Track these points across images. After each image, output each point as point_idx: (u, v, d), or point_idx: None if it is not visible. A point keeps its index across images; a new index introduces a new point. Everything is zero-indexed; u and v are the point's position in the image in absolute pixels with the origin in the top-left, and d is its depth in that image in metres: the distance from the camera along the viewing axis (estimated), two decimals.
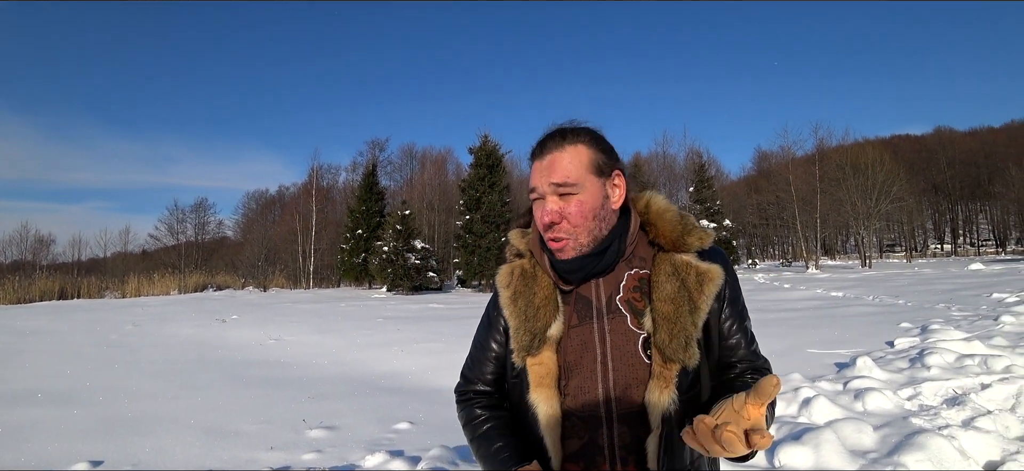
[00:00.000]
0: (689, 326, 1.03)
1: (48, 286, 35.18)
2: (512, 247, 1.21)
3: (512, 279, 1.16)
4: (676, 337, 1.02)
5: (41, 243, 47.37)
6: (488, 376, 1.21)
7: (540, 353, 1.08)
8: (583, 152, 1.08)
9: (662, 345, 1.02)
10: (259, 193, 66.29)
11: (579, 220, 1.06)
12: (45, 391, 6.55)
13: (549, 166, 1.08)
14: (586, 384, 1.05)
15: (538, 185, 1.09)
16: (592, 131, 1.12)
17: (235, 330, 12.92)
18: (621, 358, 1.04)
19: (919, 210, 57.73)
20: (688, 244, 1.10)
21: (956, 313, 9.98)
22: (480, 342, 1.24)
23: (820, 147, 38.55)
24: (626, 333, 1.05)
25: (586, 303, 1.09)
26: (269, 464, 3.94)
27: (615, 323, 1.06)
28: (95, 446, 4.54)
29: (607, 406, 1.03)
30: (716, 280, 1.07)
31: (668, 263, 1.08)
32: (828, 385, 5.16)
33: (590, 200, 1.07)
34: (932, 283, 17.62)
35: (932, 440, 3.35)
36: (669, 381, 1.00)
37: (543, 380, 1.07)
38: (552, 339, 1.08)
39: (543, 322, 1.09)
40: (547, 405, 1.06)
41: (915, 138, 68.18)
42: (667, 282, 1.06)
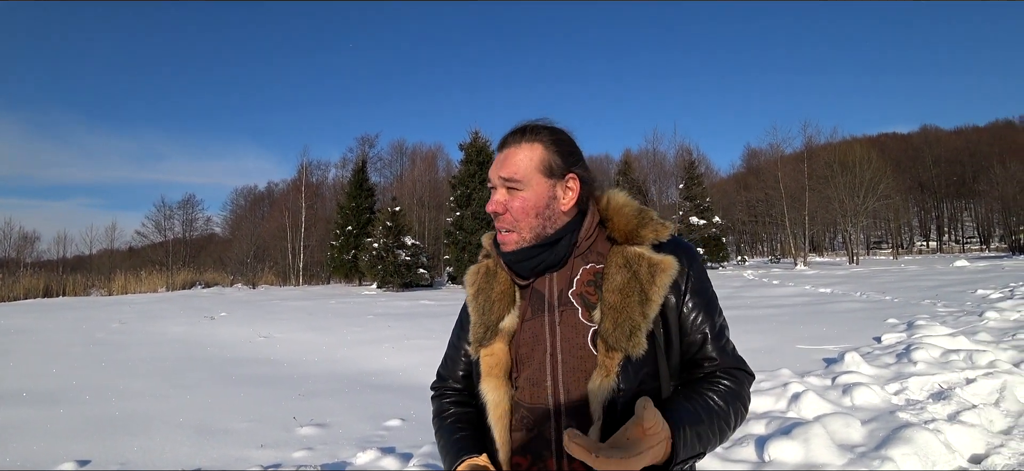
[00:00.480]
0: (637, 316, 1.02)
1: (33, 284, 34.74)
2: (483, 249, 1.25)
3: (477, 277, 1.20)
4: (620, 326, 1.01)
5: (25, 240, 46.67)
6: (460, 373, 1.24)
7: (492, 344, 1.10)
8: (537, 151, 1.10)
9: (606, 334, 1.01)
10: (248, 189, 65.90)
11: (520, 215, 1.09)
12: (30, 391, 6.47)
13: (503, 160, 1.11)
14: (536, 376, 1.06)
15: (491, 176, 1.13)
16: (555, 131, 1.14)
17: (224, 328, 12.82)
18: (570, 351, 1.05)
19: (905, 208, 58.42)
20: (642, 236, 1.11)
21: (941, 309, 10.12)
22: (453, 341, 1.28)
23: (808, 145, 38.89)
24: (576, 325, 1.06)
25: (539, 297, 1.11)
26: (260, 462, 3.91)
27: (566, 316, 1.07)
28: (82, 446, 4.49)
29: (555, 399, 1.03)
30: (669, 271, 1.06)
31: (620, 255, 1.09)
32: (817, 380, 5.21)
33: (533, 199, 1.08)
34: (918, 280, 17.85)
35: (918, 434, 3.40)
36: (611, 370, 1.00)
37: (492, 370, 1.09)
38: (504, 331, 1.11)
39: (496, 315, 1.12)
40: (494, 394, 1.08)
41: (902, 136, 69.03)
42: (617, 273, 1.06)
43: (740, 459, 3.49)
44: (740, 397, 1.06)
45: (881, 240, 65.32)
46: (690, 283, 1.09)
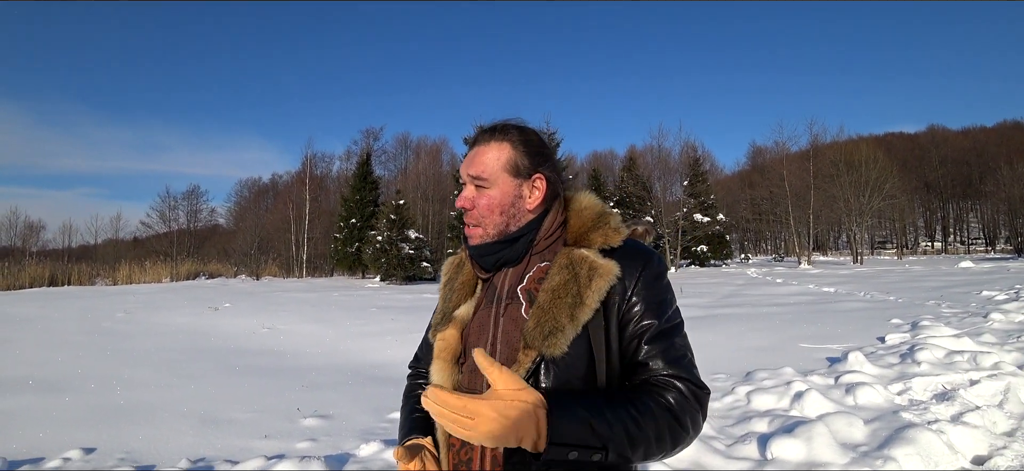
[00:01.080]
0: (563, 318, 1.00)
1: (38, 273, 34.91)
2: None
3: (450, 268, 1.28)
4: (541, 325, 1.01)
5: (31, 229, 47.01)
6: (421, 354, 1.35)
7: (445, 330, 1.15)
8: (505, 150, 1.13)
9: (526, 332, 1.02)
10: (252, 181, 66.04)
11: (486, 212, 1.12)
12: (36, 379, 6.51)
13: (472, 157, 1.15)
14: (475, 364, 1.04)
15: (461, 173, 1.17)
16: (525, 131, 1.16)
17: (228, 319, 12.88)
18: (507, 342, 1.06)
19: (911, 208, 58.23)
20: (591, 240, 1.11)
21: (946, 310, 10.08)
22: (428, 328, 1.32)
23: (814, 143, 38.69)
24: (516, 319, 1.07)
25: (493, 289, 1.14)
26: (263, 453, 3.93)
27: (509, 309, 1.09)
28: (87, 434, 4.52)
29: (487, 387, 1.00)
30: (606, 276, 1.03)
31: (565, 256, 1.09)
32: (820, 379, 5.20)
33: (498, 197, 1.12)
34: (923, 280, 17.79)
35: (921, 434, 3.39)
36: (523, 366, 0.99)
37: (440, 354, 1.14)
38: (458, 319, 1.15)
39: (454, 303, 1.18)
40: (438, 376, 1.12)
41: (908, 136, 68.69)
42: (557, 274, 1.06)
43: (743, 457, 3.50)
44: (672, 409, 0.96)
45: (886, 240, 65.08)
46: (637, 286, 1.06)
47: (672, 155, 37.78)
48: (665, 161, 37.27)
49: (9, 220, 45.97)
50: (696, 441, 3.51)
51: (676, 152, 37.94)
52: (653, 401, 0.96)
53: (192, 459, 3.87)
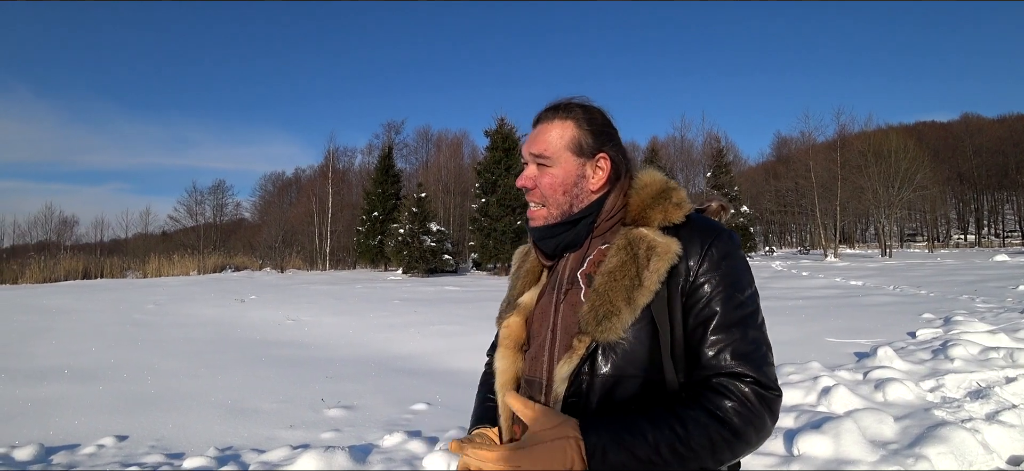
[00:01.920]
0: (618, 300, 0.95)
1: (72, 266, 36.05)
2: None
3: (519, 257, 1.27)
4: (595, 310, 0.96)
5: (65, 224, 48.36)
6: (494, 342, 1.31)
7: (510, 317, 1.15)
8: (569, 129, 1.10)
9: (582, 317, 0.98)
10: (276, 175, 67.03)
11: (549, 191, 1.10)
12: (71, 368, 6.72)
13: (534, 136, 1.13)
14: (537, 351, 1.09)
15: (523, 152, 1.15)
16: (589, 109, 1.12)
17: (253, 310, 13.12)
18: (565, 330, 1.04)
19: (943, 199, 56.49)
20: (650, 218, 1.04)
21: (980, 305, 9.79)
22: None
23: (842, 133, 37.84)
24: (575, 304, 1.04)
25: (555, 276, 1.13)
26: (288, 442, 4.00)
27: (570, 294, 1.07)
28: (120, 421, 4.65)
29: (549, 373, 1.04)
30: (665, 256, 0.97)
31: (623, 236, 1.03)
32: (847, 374, 5.10)
33: (561, 176, 1.09)
34: (955, 274, 17.30)
35: (955, 433, 3.30)
36: (577, 353, 0.97)
37: (504, 342, 1.13)
38: (522, 306, 1.15)
39: (519, 290, 1.18)
40: (501, 363, 1.12)
41: (941, 125, 66.54)
42: (615, 255, 1.02)
43: (768, 452, 3.44)
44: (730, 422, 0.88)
45: (916, 232, 63.39)
46: (703, 266, 0.97)
47: (695, 146, 37.50)
48: (688, 152, 36.99)
49: (45, 215, 47.39)
50: None
51: (699, 143, 37.61)
52: (706, 413, 0.89)
53: (220, 448, 3.95)
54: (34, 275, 33.59)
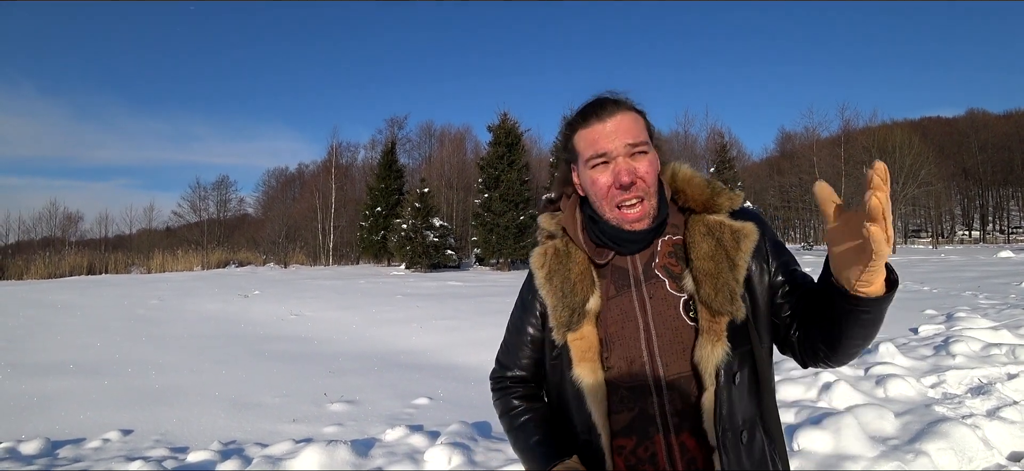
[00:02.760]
0: (731, 281, 1.02)
1: (77, 261, 36.22)
2: (543, 230, 1.21)
3: (546, 259, 1.15)
4: (721, 290, 1.01)
5: (69, 220, 48.61)
6: (524, 361, 1.20)
7: (580, 328, 1.06)
8: (640, 119, 1.09)
9: (708, 299, 1.01)
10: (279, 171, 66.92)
11: (651, 181, 1.06)
12: (76, 362, 6.76)
13: (618, 127, 1.06)
14: (631, 353, 1.04)
15: (610, 148, 1.05)
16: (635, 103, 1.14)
17: (257, 305, 13.16)
18: (664, 323, 1.04)
19: (947, 195, 56.23)
20: (719, 205, 1.10)
21: (983, 301, 9.77)
22: (515, 326, 1.22)
23: (846, 129, 37.75)
24: (666, 297, 1.05)
25: (623, 273, 1.09)
26: (292, 436, 4.03)
27: (654, 289, 1.06)
28: (124, 415, 4.69)
29: (654, 373, 1.02)
30: (752, 236, 1.06)
31: (701, 224, 1.08)
32: (849, 371, 5.10)
33: (655, 162, 1.08)
34: (959, 270, 17.25)
35: (955, 429, 3.31)
36: (720, 334, 1.00)
37: (585, 354, 1.05)
38: (591, 312, 1.07)
39: (581, 296, 1.08)
40: (593, 379, 1.04)
41: (946, 120, 66.15)
42: (703, 241, 1.06)
43: None
44: None
45: (920, 228, 63.13)
46: (769, 245, 1.10)
47: (698, 141, 37.32)
48: (691, 147, 36.83)
49: (49, 211, 47.65)
50: None
51: (702, 138, 37.45)
52: None
53: (223, 442, 3.98)
54: (39, 271, 33.75)
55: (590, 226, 1.12)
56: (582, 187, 1.13)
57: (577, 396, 1.06)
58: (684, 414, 1.01)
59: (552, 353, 1.12)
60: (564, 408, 1.11)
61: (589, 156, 1.07)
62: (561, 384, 1.11)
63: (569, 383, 1.07)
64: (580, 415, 1.06)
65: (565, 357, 1.08)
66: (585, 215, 1.14)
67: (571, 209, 1.17)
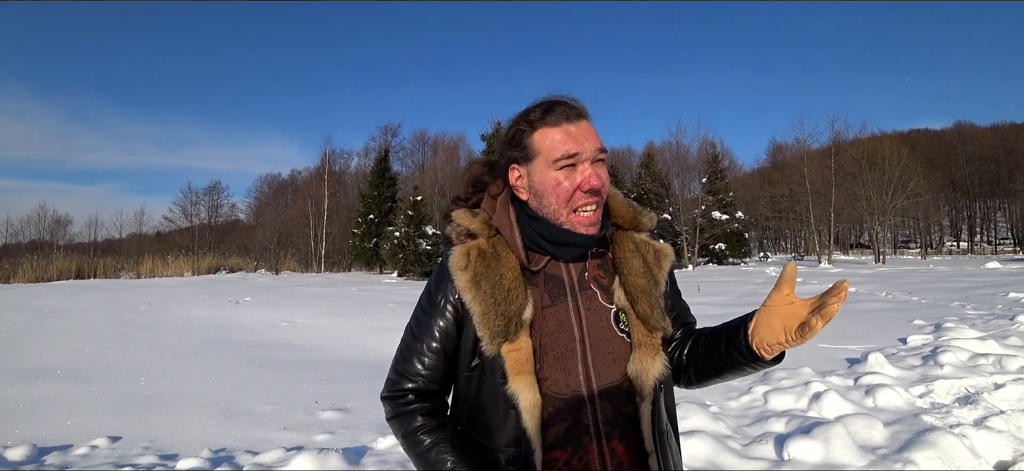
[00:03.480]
0: (659, 298, 1.09)
1: (65, 266, 35.86)
2: (460, 227, 1.11)
3: (470, 261, 1.05)
4: (655, 308, 1.07)
5: (58, 224, 48.10)
6: (427, 372, 1.08)
7: (517, 339, 1.00)
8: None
9: (645, 316, 1.05)
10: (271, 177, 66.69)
11: (607, 190, 1.08)
12: (64, 368, 6.69)
13: (589, 131, 1.04)
14: (567, 364, 1.02)
15: (583, 149, 1.02)
16: None
17: (248, 312, 13.08)
18: (598, 334, 1.05)
19: (936, 206, 56.89)
20: (642, 224, 1.16)
21: (971, 312, 9.87)
22: (418, 333, 1.10)
23: (836, 140, 37.99)
24: (599, 309, 1.06)
25: (557, 282, 1.06)
26: (282, 444, 4.01)
27: (589, 300, 1.06)
28: (113, 422, 4.64)
29: (589, 383, 1.02)
30: (670, 256, 1.16)
31: (630, 241, 1.12)
32: (839, 380, 5.14)
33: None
34: (947, 281, 17.42)
35: (943, 438, 3.34)
36: (657, 349, 1.05)
37: (523, 367, 0.99)
38: (527, 322, 1.01)
39: (516, 305, 1.01)
40: (530, 392, 0.99)
41: (934, 132, 67.12)
42: (633, 258, 1.10)
43: (759, 457, 3.47)
44: None
45: (909, 239, 63.76)
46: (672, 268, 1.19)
47: (690, 152, 37.51)
48: (683, 158, 37.00)
49: (38, 214, 47.13)
50: (712, 440, 3.50)
51: (694, 149, 37.65)
52: None
53: (214, 449, 3.95)
54: (27, 274, 33.39)
55: (526, 228, 1.07)
56: (527, 188, 1.07)
57: (509, 410, 1.00)
58: (614, 422, 1.03)
59: (470, 363, 1.05)
60: (481, 424, 1.04)
61: (557, 156, 1.02)
62: (479, 397, 1.04)
63: (497, 396, 1.01)
64: (509, 430, 1.00)
65: (496, 369, 1.01)
66: (522, 215, 1.08)
67: (504, 208, 1.10)
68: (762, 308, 1.01)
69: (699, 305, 12.82)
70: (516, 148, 1.07)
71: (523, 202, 1.08)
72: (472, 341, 1.04)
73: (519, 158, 1.07)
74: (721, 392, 4.96)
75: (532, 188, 1.06)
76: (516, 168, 1.08)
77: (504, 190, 1.12)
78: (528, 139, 1.05)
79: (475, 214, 1.11)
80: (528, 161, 1.06)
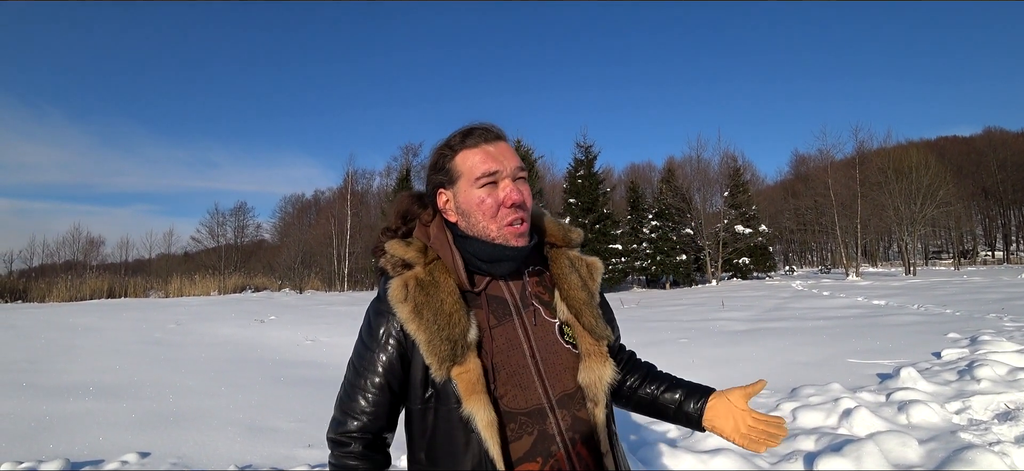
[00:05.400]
0: (597, 308, 1.16)
1: (98, 285, 36.78)
2: (394, 258, 1.12)
3: (409, 292, 1.06)
4: (598, 318, 1.13)
5: (91, 244, 49.47)
6: (370, 410, 1.09)
7: (466, 361, 1.01)
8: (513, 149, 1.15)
9: (591, 326, 1.12)
10: (296, 197, 67.85)
11: (531, 205, 1.13)
12: (96, 384, 6.85)
13: (507, 151, 1.11)
14: (522, 380, 1.06)
15: (503, 167, 1.09)
16: None
17: (273, 330, 13.25)
18: (546, 348, 1.09)
19: (968, 215, 55.34)
20: (573, 240, 1.22)
21: (1008, 324, 9.54)
22: (360, 368, 1.11)
23: (860, 150, 37.32)
24: (544, 324, 1.11)
25: (500, 302, 1.10)
26: (307, 462, 4.04)
27: (533, 316, 1.11)
28: (143, 438, 4.73)
29: (547, 395, 1.06)
30: (601, 268, 1.22)
31: (564, 257, 1.18)
32: (869, 396, 5.00)
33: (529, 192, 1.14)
34: (982, 292, 16.88)
35: (982, 456, 3.23)
36: (605, 355, 1.11)
37: (475, 387, 1.00)
38: (473, 343, 1.03)
39: (460, 328, 1.02)
40: (486, 411, 0.99)
41: (963, 139, 65.40)
42: (570, 273, 1.15)
43: None
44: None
45: (941, 250, 62.02)
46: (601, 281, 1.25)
47: (711, 165, 37.16)
48: (704, 172, 36.65)
49: (72, 236, 48.59)
50: (739, 457, 3.43)
51: (715, 162, 37.30)
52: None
53: (239, 465, 4.00)
54: (61, 294, 34.35)
55: (462, 249, 1.10)
56: (455, 210, 1.12)
57: (469, 433, 1.00)
58: (575, 427, 1.07)
59: (423, 395, 1.06)
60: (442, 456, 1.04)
61: (479, 175, 1.07)
62: (437, 427, 1.05)
63: (454, 423, 1.02)
64: (471, 455, 1.00)
65: (449, 394, 1.02)
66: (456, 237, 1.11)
67: (440, 231, 1.13)
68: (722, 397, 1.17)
69: (723, 320, 12.61)
70: (440, 172, 1.13)
71: (453, 224, 1.13)
72: (422, 371, 1.05)
73: (444, 181, 1.13)
74: None
75: (459, 208, 1.11)
76: (443, 192, 1.14)
77: (436, 216, 1.16)
78: (450, 163, 1.12)
79: (409, 244, 1.12)
80: (453, 184, 1.11)
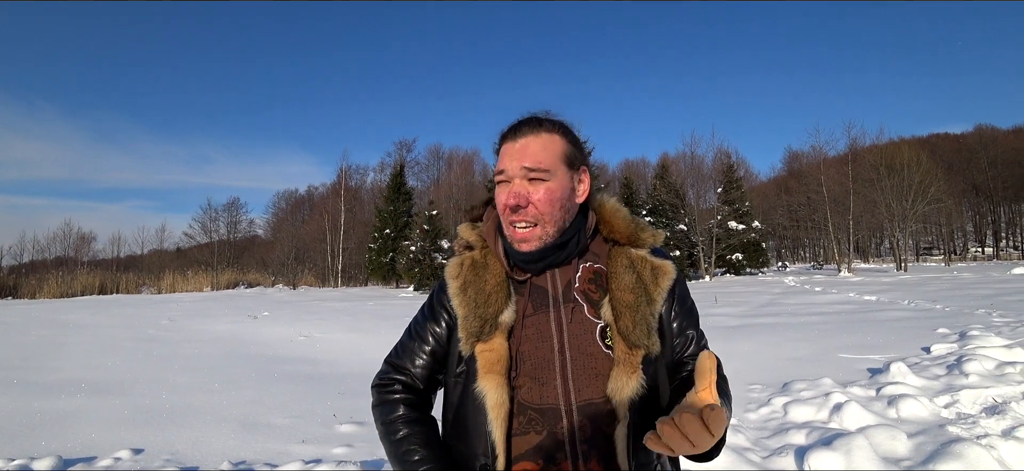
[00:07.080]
0: (649, 315, 1.04)
1: (89, 281, 36.55)
2: (461, 240, 1.18)
3: (462, 270, 1.12)
4: (639, 324, 1.02)
5: (83, 240, 49.22)
6: (417, 369, 1.14)
7: (491, 339, 1.03)
8: (557, 141, 1.08)
9: (626, 331, 1.02)
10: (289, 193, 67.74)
11: (545, 207, 1.04)
12: (88, 381, 6.82)
13: (522, 150, 1.06)
14: (543, 374, 1.01)
15: (508, 167, 1.06)
16: (566, 124, 1.13)
17: (266, 327, 13.22)
18: (579, 347, 1.03)
19: (958, 212, 55.78)
20: (642, 240, 1.14)
21: (997, 319, 9.64)
22: (415, 332, 1.17)
23: (853, 147, 37.51)
24: (583, 322, 1.04)
25: (542, 292, 1.07)
26: (301, 457, 4.04)
27: (572, 312, 1.05)
28: (136, 434, 4.71)
29: (566, 397, 1.00)
30: (670, 275, 1.10)
31: (624, 256, 1.10)
32: (860, 391, 5.05)
33: (559, 189, 1.05)
34: (972, 288, 17.04)
35: (970, 449, 3.27)
36: (635, 367, 1.00)
37: (492, 366, 1.01)
38: (503, 325, 1.04)
39: (494, 308, 1.05)
40: (496, 393, 1.00)
41: (954, 137, 65.84)
42: (625, 273, 1.07)
43: (779, 469, 3.43)
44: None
45: (932, 246, 62.54)
46: (679, 289, 1.14)
47: (705, 162, 37.30)
48: (698, 168, 36.77)
49: (63, 232, 48.30)
50: (731, 452, 3.46)
51: (709, 159, 37.44)
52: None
53: (233, 461, 4.00)
54: (52, 290, 34.12)
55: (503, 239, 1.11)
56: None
57: (478, 412, 1.01)
58: (593, 442, 1.00)
59: (456, 368, 1.09)
60: (462, 430, 1.05)
61: (496, 172, 1.10)
62: (462, 403, 1.06)
63: (471, 399, 1.03)
64: (479, 436, 1.01)
65: (471, 370, 1.04)
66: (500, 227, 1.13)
67: (492, 221, 1.15)
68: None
69: (716, 316, 12.69)
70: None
71: None
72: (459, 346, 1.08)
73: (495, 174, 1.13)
74: (740, 403, 4.90)
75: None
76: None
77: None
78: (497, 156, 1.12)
79: (474, 228, 1.18)
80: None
